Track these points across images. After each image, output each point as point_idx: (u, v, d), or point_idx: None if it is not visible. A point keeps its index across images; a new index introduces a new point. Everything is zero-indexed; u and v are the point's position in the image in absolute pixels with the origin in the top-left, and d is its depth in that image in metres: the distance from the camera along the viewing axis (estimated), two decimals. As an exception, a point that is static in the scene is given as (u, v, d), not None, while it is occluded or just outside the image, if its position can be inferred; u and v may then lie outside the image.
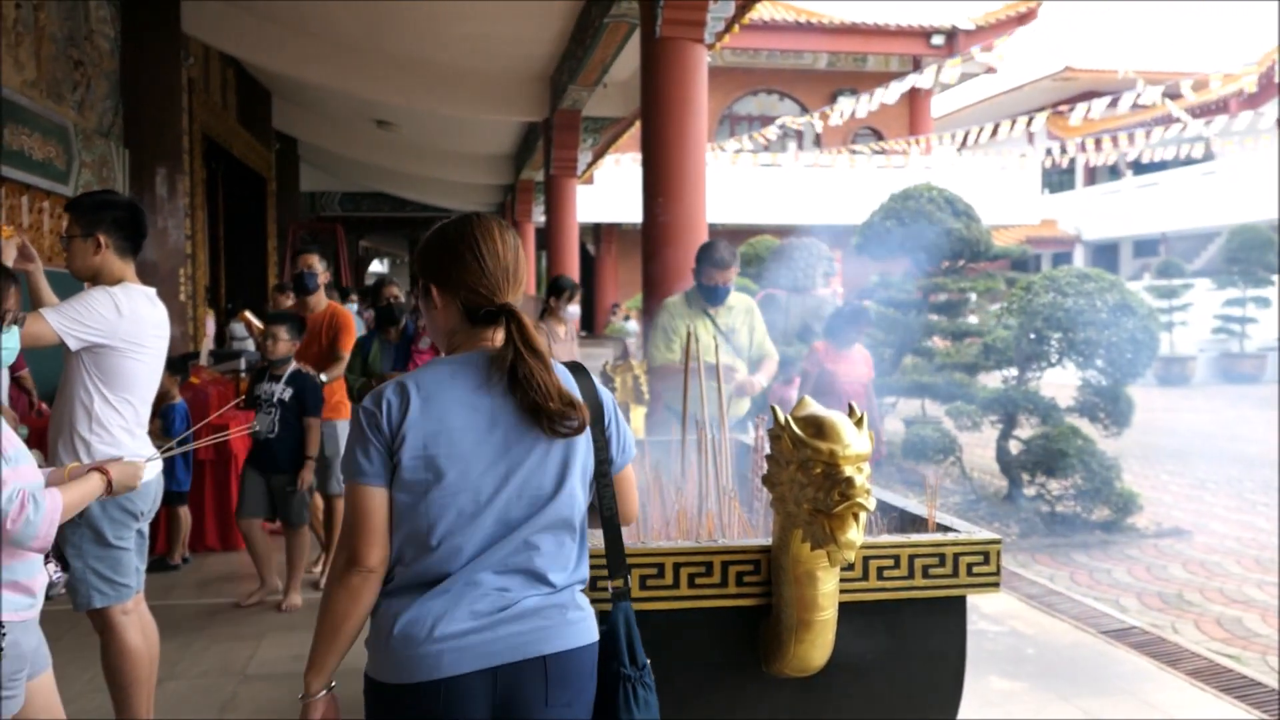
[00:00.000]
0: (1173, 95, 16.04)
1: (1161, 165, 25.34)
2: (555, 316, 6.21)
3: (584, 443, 1.88)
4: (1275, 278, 19.27)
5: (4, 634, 2.24)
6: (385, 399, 1.79)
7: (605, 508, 1.99)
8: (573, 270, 12.59)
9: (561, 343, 6.11)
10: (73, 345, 3.05)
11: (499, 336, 1.86)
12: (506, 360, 1.81)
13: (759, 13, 17.65)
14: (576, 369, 1.96)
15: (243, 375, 6.99)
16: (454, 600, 1.76)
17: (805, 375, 6.14)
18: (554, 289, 6.32)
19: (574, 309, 6.30)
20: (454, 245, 1.86)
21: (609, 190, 19.90)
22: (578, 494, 1.87)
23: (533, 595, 1.80)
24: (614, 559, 2.02)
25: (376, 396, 1.80)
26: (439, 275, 1.87)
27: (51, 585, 2.58)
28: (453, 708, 1.75)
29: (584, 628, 1.85)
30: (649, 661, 1.97)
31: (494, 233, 1.87)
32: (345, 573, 1.77)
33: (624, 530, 2.07)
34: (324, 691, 1.82)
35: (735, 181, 20.40)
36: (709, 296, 4.68)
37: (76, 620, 3.96)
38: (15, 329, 2.38)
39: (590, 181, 16.23)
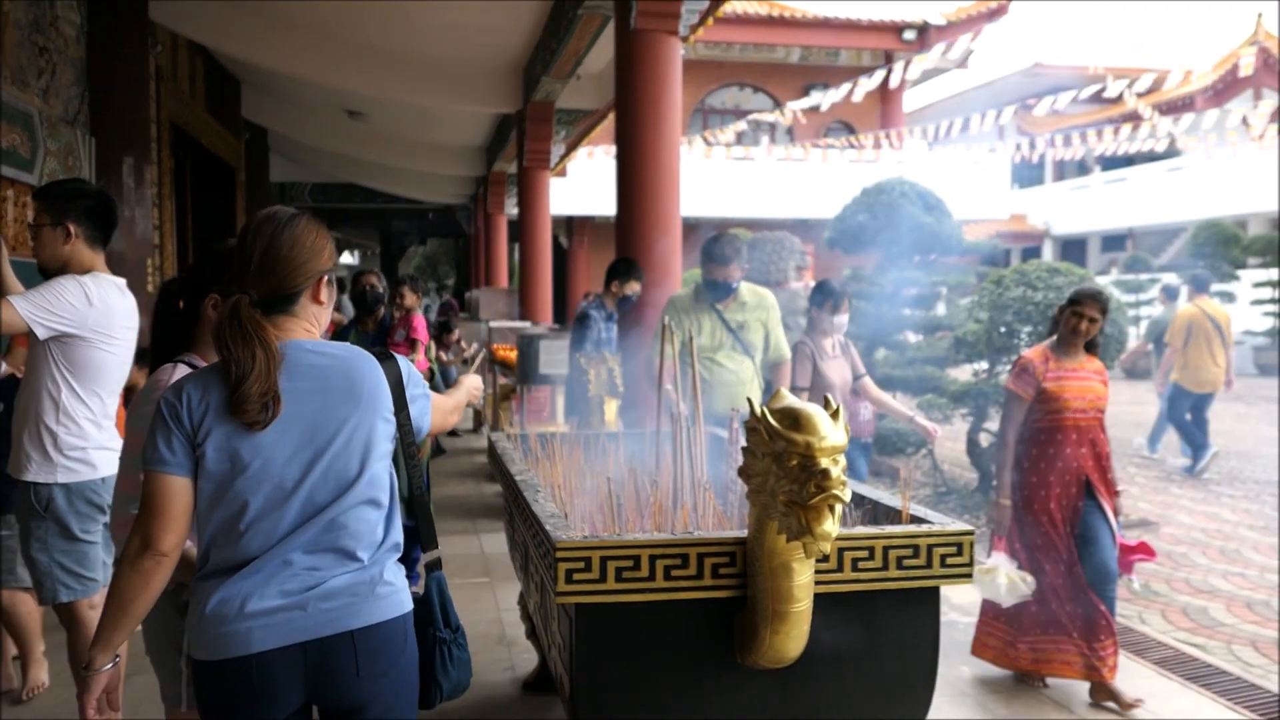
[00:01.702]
0: (1140, 92, 16.20)
1: (1129, 161, 25.63)
2: (819, 329, 5.03)
3: (384, 426, 1.96)
4: (1240, 273, 19.54)
5: None
6: (185, 392, 1.87)
7: (415, 487, 2.14)
8: (545, 263, 12.55)
9: (830, 359, 4.96)
10: (41, 334, 3.01)
11: (283, 324, 1.94)
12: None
13: (732, 6, 17.66)
14: (383, 357, 2.02)
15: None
16: (265, 579, 1.84)
17: (1010, 399, 4.14)
18: (818, 295, 5.07)
19: (840, 320, 5.01)
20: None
21: (582, 182, 19.84)
22: (381, 475, 1.96)
23: (342, 573, 1.89)
24: (425, 534, 2.18)
25: (176, 389, 1.88)
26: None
27: None
28: (265, 681, 1.84)
29: (392, 601, 1.95)
30: (461, 624, 2.19)
31: (250, 225, 1.95)
32: (139, 556, 1.83)
33: (600, 523, 2.07)
34: (109, 665, 1.92)
35: (708, 174, 20.40)
36: (713, 292, 4.66)
37: (43, 614, 3.91)
38: None
39: (563, 174, 16.18)
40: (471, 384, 2.61)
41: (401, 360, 2.07)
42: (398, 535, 2.00)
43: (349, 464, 1.90)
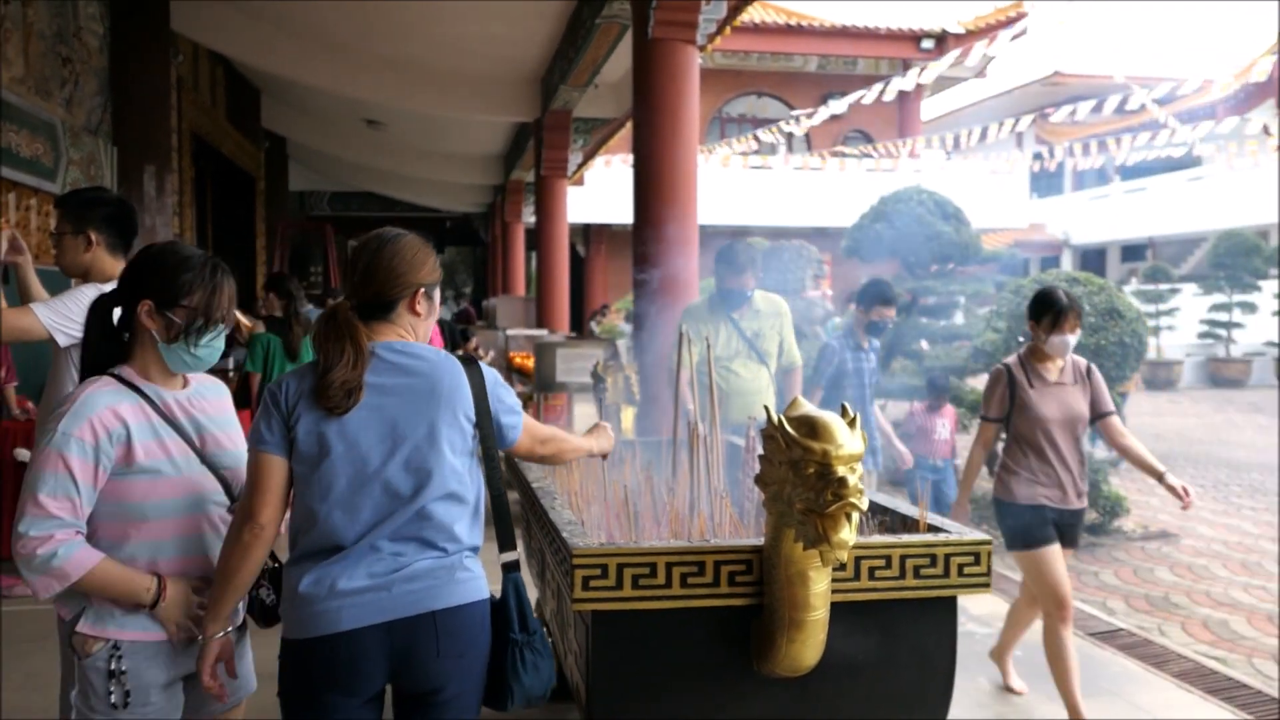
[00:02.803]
0: (1159, 100, 16.10)
1: (1149, 170, 25.48)
2: (1039, 352, 3.95)
3: (464, 425, 2.11)
4: (1261, 283, 19.39)
5: (118, 654, 2.07)
6: (285, 382, 2.07)
7: (493, 488, 2.23)
8: (562, 271, 12.56)
9: (1051, 387, 3.88)
10: (62, 341, 3.03)
11: (379, 329, 2.11)
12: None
13: (750, 15, 17.69)
14: (468, 362, 2.17)
15: (231, 374, 6.96)
16: (353, 563, 1.99)
17: None
18: (1035, 306, 3.97)
19: (1063, 339, 3.86)
20: None
21: (599, 191, 19.89)
22: (461, 471, 2.09)
23: (425, 559, 2.03)
24: (503, 535, 2.23)
25: (279, 381, 2.08)
26: None
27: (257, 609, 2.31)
28: (353, 658, 1.97)
29: (471, 586, 2.08)
30: (542, 628, 2.22)
31: (361, 241, 2.18)
32: (239, 529, 2.00)
33: (616, 531, 2.07)
34: (221, 634, 2.08)
35: (726, 183, 20.41)
36: (728, 301, 4.66)
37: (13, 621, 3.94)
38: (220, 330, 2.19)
39: (580, 182, 16.23)
40: (596, 444, 2.60)
41: (487, 370, 2.20)
42: (479, 536, 2.14)
43: (427, 456, 2.04)
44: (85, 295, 3.07)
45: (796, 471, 1.98)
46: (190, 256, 2.18)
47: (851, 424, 2.03)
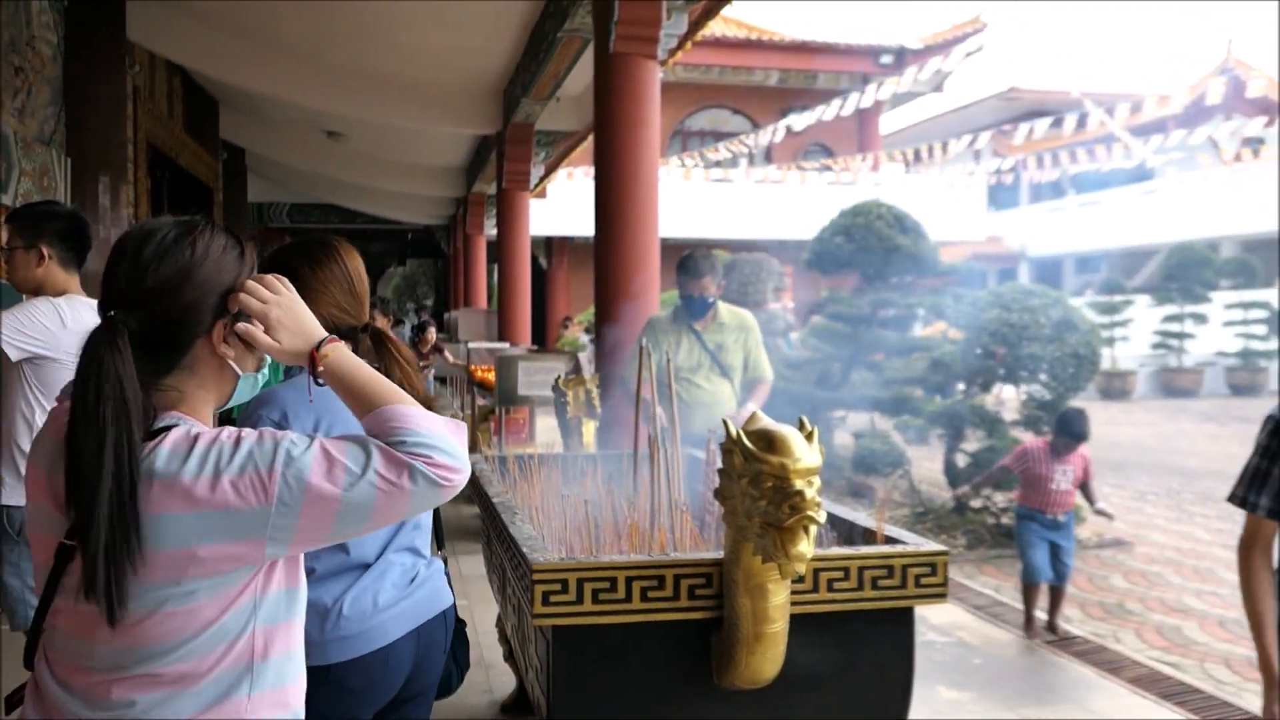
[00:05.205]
0: (1112, 113, 16.42)
1: (1103, 184, 25.93)
2: None
3: None
4: (1211, 294, 19.77)
5: None
6: (274, 408, 2.03)
7: None
8: (524, 284, 12.53)
9: None
10: (13, 355, 2.99)
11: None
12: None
13: (711, 30, 17.79)
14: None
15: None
16: (379, 577, 2.05)
17: None
18: None
19: None
20: None
21: (561, 203, 19.87)
22: None
23: (419, 565, 2.15)
24: (439, 534, 2.35)
25: (267, 405, 2.03)
26: None
27: None
28: (390, 668, 2.02)
29: (449, 588, 2.24)
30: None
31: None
32: None
33: (577, 545, 2.08)
34: None
35: (687, 196, 20.49)
36: (691, 310, 4.67)
37: (16, 641, 3.87)
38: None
39: (543, 195, 16.21)
40: None
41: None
42: (439, 537, 2.29)
43: None
44: (38, 309, 3.03)
45: (755, 485, 1.99)
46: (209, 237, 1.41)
47: (809, 437, 2.05)
